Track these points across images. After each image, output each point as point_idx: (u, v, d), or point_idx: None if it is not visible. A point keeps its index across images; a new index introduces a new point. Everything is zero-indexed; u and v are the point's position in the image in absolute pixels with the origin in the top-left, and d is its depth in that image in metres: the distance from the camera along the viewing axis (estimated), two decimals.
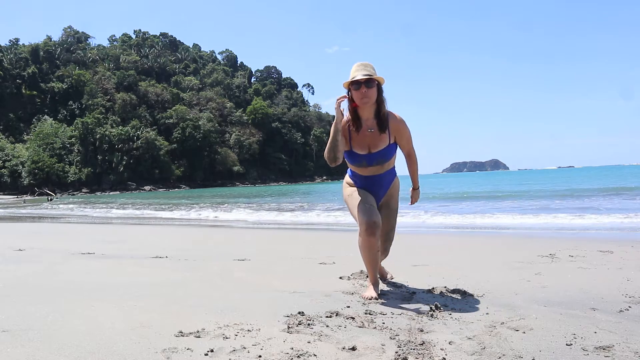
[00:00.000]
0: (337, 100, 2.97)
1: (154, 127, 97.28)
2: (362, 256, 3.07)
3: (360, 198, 3.09)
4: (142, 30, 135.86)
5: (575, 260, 4.43)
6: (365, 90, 2.91)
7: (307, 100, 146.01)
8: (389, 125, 3.02)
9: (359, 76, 2.92)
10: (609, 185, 21.51)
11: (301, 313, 2.60)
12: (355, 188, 3.19)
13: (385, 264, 3.83)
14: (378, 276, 3.20)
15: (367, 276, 3.19)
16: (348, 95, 2.99)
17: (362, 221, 2.96)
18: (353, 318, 2.52)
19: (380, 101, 2.99)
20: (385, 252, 3.30)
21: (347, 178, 3.30)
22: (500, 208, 13.56)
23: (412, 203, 3.41)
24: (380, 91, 2.99)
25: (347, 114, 3.03)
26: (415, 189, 3.39)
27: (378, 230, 2.95)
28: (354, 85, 2.93)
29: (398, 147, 3.15)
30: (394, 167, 3.21)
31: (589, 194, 16.33)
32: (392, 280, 3.55)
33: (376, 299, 2.98)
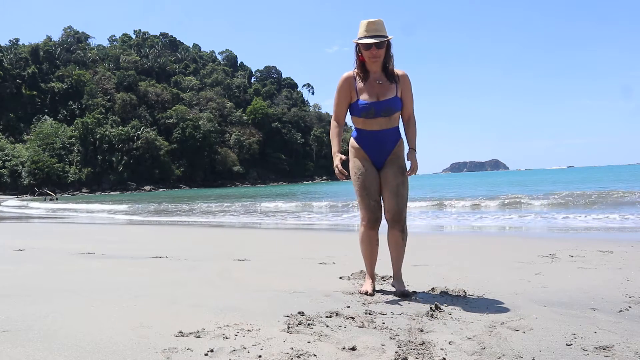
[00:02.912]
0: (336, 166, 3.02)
1: (154, 127, 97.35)
2: (361, 249, 3.17)
3: (365, 189, 3.05)
4: (142, 30, 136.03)
5: (575, 260, 4.42)
6: (376, 51, 2.95)
7: (307, 100, 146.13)
8: (397, 79, 3.05)
9: (370, 39, 2.93)
10: (611, 186, 21.50)
11: (301, 313, 2.60)
12: (360, 164, 3.10)
13: (386, 264, 3.82)
14: (375, 273, 3.28)
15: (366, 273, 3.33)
16: (356, 50, 3.02)
17: (365, 216, 3.07)
18: (353, 318, 2.52)
19: (387, 57, 3.02)
20: (397, 213, 3.03)
21: (352, 142, 3.17)
22: (500, 208, 13.55)
23: (410, 171, 3.10)
24: (388, 47, 3.02)
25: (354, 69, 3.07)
26: (413, 149, 3.13)
27: (378, 224, 3.08)
28: (364, 45, 2.95)
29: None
30: (398, 127, 3.15)
31: (590, 194, 16.32)
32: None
33: (371, 294, 3.07)
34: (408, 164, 3.12)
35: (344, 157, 3.06)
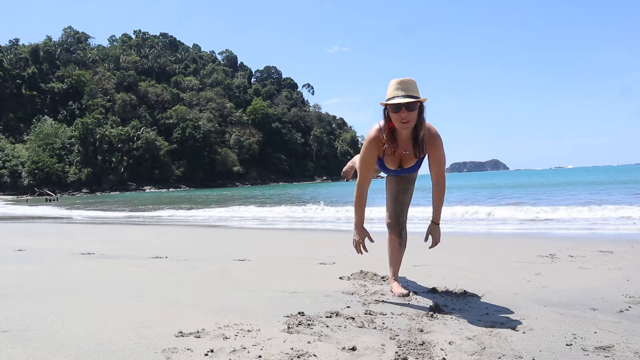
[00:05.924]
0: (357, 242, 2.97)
1: (154, 127, 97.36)
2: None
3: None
4: (142, 31, 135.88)
5: (575, 260, 4.42)
6: (406, 114, 2.62)
7: (307, 101, 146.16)
8: (425, 145, 2.79)
9: (400, 99, 2.61)
10: (613, 185, 21.39)
11: (301, 313, 2.60)
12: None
13: (386, 263, 3.83)
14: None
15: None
16: (384, 113, 2.73)
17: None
18: (353, 318, 2.52)
19: (420, 122, 2.70)
20: (394, 218, 3.08)
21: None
22: (499, 208, 13.52)
23: (432, 244, 3.03)
24: (421, 111, 2.69)
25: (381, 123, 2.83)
26: (436, 223, 2.97)
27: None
28: (393, 107, 2.63)
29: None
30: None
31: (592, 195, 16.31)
32: None
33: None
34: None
35: (370, 238, 2.98)
